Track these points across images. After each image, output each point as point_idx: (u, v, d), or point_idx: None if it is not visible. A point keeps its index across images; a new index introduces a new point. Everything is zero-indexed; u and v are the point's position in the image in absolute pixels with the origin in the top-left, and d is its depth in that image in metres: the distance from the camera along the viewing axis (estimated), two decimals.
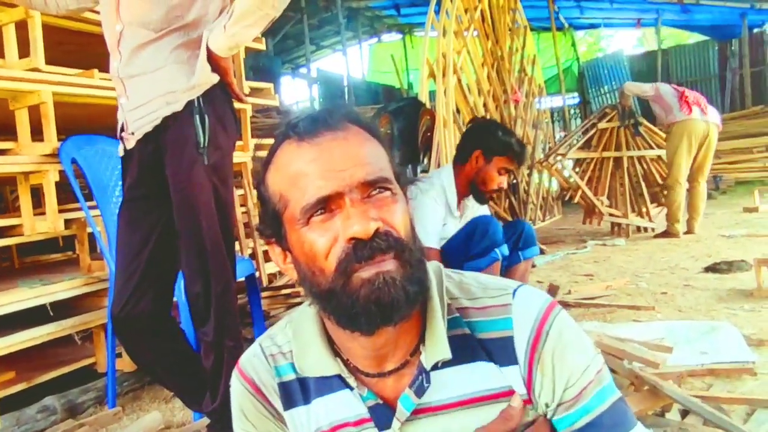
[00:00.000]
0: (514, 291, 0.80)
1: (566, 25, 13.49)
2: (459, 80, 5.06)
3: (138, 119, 1.68)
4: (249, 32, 1.62)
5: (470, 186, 2.73)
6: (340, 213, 0.71)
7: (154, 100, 1.65)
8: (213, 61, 1.67)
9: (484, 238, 2.55)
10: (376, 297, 0.69)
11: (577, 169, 6.05)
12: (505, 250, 2.61)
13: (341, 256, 0.70)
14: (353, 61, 14.47)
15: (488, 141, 2.68)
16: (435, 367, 0.78)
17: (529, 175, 6.41)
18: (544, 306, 0.78)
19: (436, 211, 2.64)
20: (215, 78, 1.69)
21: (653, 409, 1.72)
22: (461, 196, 2.76)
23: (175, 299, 1.91)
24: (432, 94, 4.76)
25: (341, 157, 0.72)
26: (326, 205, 0.71)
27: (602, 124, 5.88)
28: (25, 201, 2.30)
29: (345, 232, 0.69)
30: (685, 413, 1.75)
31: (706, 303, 3.11)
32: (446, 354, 0.76)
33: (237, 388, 0.87)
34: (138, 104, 1.68)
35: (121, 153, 1.77)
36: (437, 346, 0.77)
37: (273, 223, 0.77)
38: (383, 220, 0.71)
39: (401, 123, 4.44)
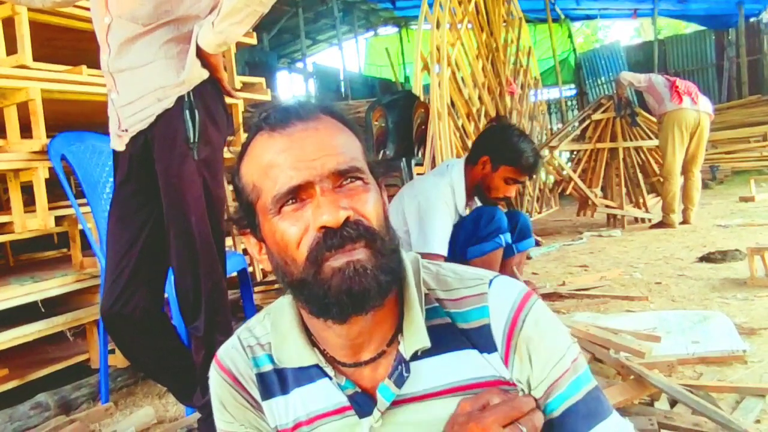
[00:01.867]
0: (491, 281, 0.81)
1: (562, 16, 13.44)
2: (453, 73, 5.05)
3: (130, 116, 1.68)
4: (237, 29, 1.62)
5: (476, 189, 2.65)
6: (311, 202, 0.71)
7: (146, 96, 1.65)
8: (202, 57, 1.66)
9: (490, 224, 2.54)
10: (347, 287, 0.69)
11: (570, 162, 6.04)
12: (508, 238, 2.59)
13: (312, 244, 0.70)
14: (349, 55, 14.47)
15: (498, 148, 2.56)
16: (414, 357, 0.78)
17: None
18: (521, 295, 0.79)
19: (448, 215, 2.55)
20: (205, 74, 1.68)
21: (640, 398, 1.72)
22: (470, 196, 2.68)
23: (165, 295, 1.91)
24: (426, 87, 4.76)
25: (312, 147, 0.72)
26: (297, 194, 0.72)
27: (597, 115, 5.87)
28: (16, 198, 2.29)
29: (315, 220, 0.70)
30: (674, 402, 1.76)
31: (700, 292, 3.11)
32: (425, 343, 0.77)
33: (215, 379, 0.87)
34: (129, 100, 1.67)
35: (117, 147, 1.75)
36: (416, 335, 0.77)
37: (247, 214, 0.78)
38: (354, 209, 0.71)
39: (395, 116, 4.43)
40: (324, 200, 0.70)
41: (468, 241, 2.60)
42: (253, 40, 3.53)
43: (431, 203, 2.51)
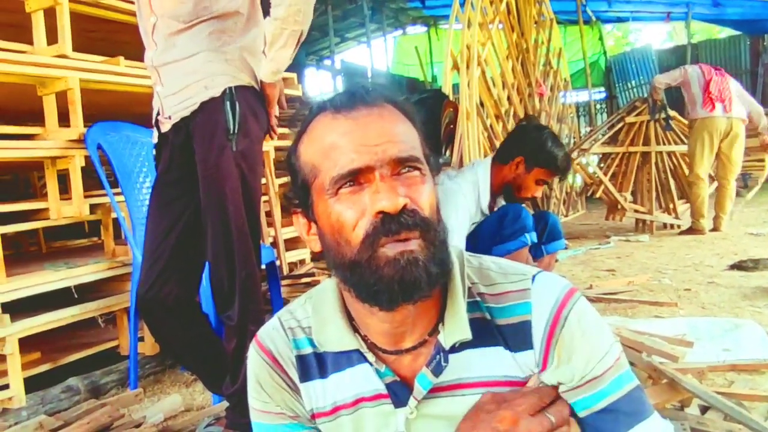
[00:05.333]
0: (534, 276, 0.81)
1: (593, 18, 13.28)
2: (483, 73, 5.02)
3: (175, 104, 1.72)
4: (284, 53, 1.71)
5: (504, 187, 2.64)
6: (369, 187, 0.72)
7: (192, 85, 1.69)
8: (263, 89, 1.78)
9: (515, 222, 2.53)
10: (399, 276, 0.70)
11: (602, 165, 5.95)
12: (534, 237, 2.58)
13: (369, 229, 0.71)
14: (378, 53, 14.45)
15: (534, 150, 2.56)
16: (453, 348, 0.78)
17: None
18: (564, 291, 0.78)
19: (465, 210, 2.53)
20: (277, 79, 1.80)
21: (671, 403, 1.70)
22: (495, 194, 2.66)
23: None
24: (456, 87, 4.74)
25: (375, 133, 0.73)
26: (356, 177, 0.72)
27: (630, 118, 5.77)
28: (52, 186, 2.34)
29: (373, 205, 0.70)
30: (705, 409, 1.73)
31: (731, 300, 3.06)
32: (466, 334, 0.77)
33: (255, 359, 0.88)
34: (174, 90, 1.72)
35: (155, 140, 1.80)
36: (457, 326, 0.77)
37: (301, 193, 0.79)
38: (411, 198, 0.72)
39: (423, 114, 4.33)
40: (383, 186, 0.71)
41: (492, 239, 2.58)
42: None
43: (449, 197, 2.49)
